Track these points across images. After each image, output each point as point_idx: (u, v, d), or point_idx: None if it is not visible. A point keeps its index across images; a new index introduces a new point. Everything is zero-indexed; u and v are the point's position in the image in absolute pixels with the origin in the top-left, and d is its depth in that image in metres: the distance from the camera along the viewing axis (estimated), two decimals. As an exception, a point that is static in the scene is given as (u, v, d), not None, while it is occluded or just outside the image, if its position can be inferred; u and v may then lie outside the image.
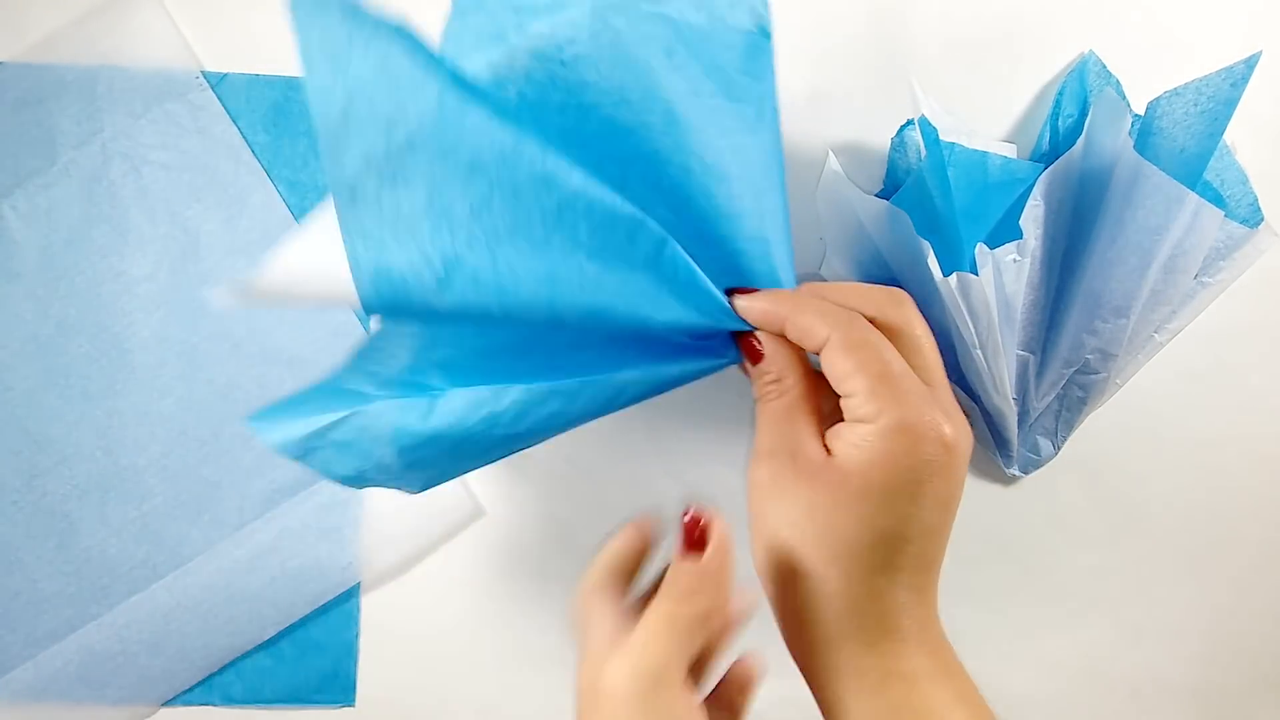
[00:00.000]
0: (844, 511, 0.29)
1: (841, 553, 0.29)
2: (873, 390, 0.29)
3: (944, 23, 0.48)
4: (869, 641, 0.29)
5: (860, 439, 0.29)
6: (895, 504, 0.29)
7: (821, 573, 0.29)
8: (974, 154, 0.43)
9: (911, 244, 0.41)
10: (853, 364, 0.29)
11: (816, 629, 0.30)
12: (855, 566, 0.29)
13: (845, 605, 0.29)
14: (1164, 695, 0.48)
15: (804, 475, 0.30)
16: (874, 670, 0.29)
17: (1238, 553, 0.48)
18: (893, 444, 0.29)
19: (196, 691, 0.47)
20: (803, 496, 0.30)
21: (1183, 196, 0.40)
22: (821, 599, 0.30)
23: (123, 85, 0.47)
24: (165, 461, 0.47)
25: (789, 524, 0.30)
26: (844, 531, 0.29)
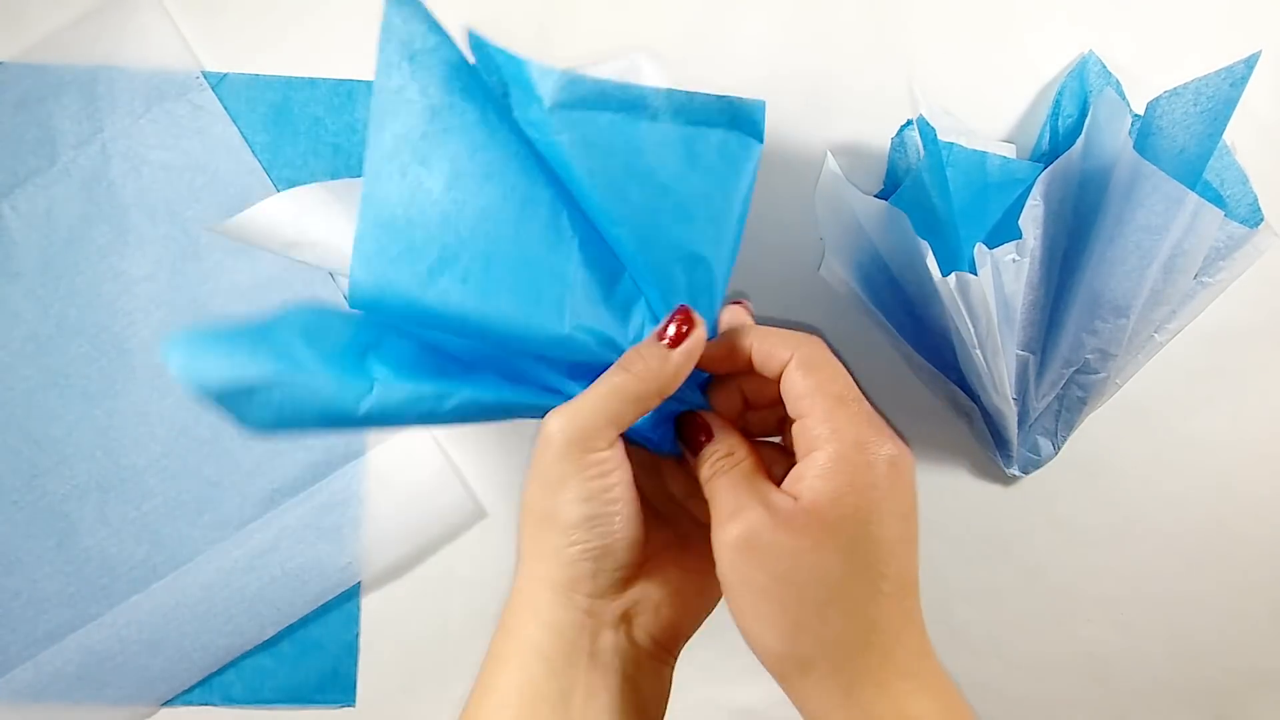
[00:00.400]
0: (827, 550, 0.29)
1: (837, 591, 0.29)
2: (828, 411, 0.30)
3: (944, 23, 0.48)
4: (880, 683, 0.29)
5: (820, 471, 0.30)
6: (867, 527, 0.29)
7: (822, 615, 0.29)
8: (973, 154, 0.43)
9: (910, 244, 0.41)
10: (813, 383, 0.31)
11: (829, 680, 0.29)
12: (852, 601, 0.29)
13: (852, 648, 0.29)
14: (1164, 695, 0.48)
15: (781, 524, 0.30)
16: (891, 717, 0.29)
17: (1238, 553, 0.48)
18: (850, 467, 0.29)
19: (196, 691, 0.47)
20: (785, 545, 0.29)
21: (1182, 196, 0.40)
22: (827, 647, 0.29)
23: (123, 85, 0.47)
24: (165, 461, 0.47)
25: (778, 578, 0.29)
26: (832, 570, 0.29)
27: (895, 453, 0.30)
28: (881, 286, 0.46)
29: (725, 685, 0.48)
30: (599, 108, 0.33)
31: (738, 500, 0.31)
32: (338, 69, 0.48)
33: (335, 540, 0.47)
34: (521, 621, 0.32)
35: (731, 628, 0.48)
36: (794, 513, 0.30)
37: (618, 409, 0.31)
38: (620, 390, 0.31)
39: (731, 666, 0.48)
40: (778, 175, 0.48)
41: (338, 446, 0.47)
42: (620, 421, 0.31)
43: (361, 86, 0.48)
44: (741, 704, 0.48)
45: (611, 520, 0.31)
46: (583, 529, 0.31)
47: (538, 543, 0.32)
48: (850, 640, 0.29)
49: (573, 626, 0.32)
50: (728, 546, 0.30)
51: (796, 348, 0.31)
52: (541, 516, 0.31)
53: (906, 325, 0.46)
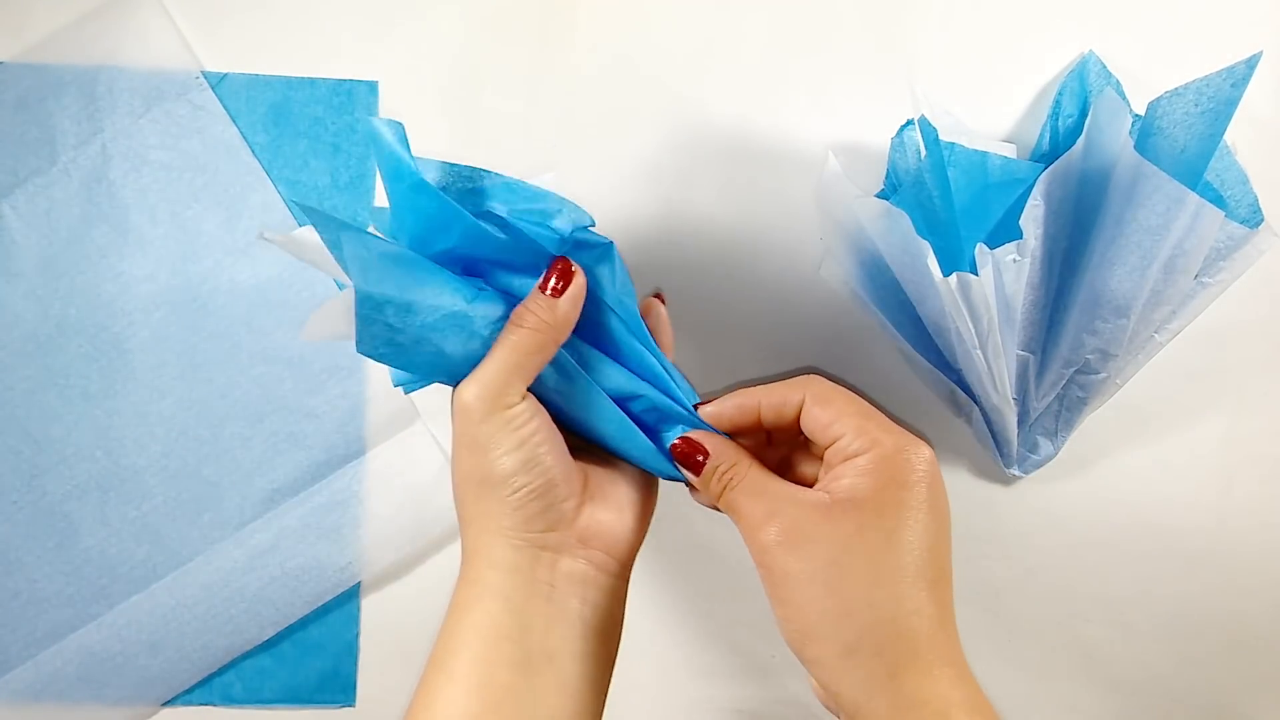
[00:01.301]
0: (872, 534, 0.31)
1: (884, 574, 0.30)
2: (860, 427, 0.32)
3: (944, 23, 0.48)
4: (923, 669, 0.30)
5: (861, 470, 0.31)
6: (911, 517, 0.31)
7: (869, 597, 0.30)
8: (974, 154, 0.43)
9: (911, 244, 0.41)
10: (833, 412, 0.33)
11: (873, 663, 0.30)
12: (899, 584, 0.30)
13: (896, 632, 0.30)
14: (1163, 695, 0.48)
15: (820, 517, 0.31)
16: (935, 700, 0.30)
17: (1238, 553, 0.48)
18: (891, 465, 0.31)
19: (196, 691, 0.47)
20: (830, 533, 0.31)
21: (1183, 197, 0.40)
22: (873, 629, 0.30)
23: (123, 85, 0.47)
24: (165, 461, 0.47)
25: (826, 564, 0.31)
26: (877, 554, 0.30)
27: (930, 455, 0.32)
28: (881, 286, 0.46)
29: (725, 685, 0.48)
30: None
31: (767, 502, 0.32)
32: (338, 69, 0.48)
33: (335, 540, 0.47)
34: (479, 572, 0.33)
35: (731, 628, 0.48)
36: (832, 504, 0.31)
37: (520, 362, 0.33)
38: (519, 346, 0.33)
39: (731, 666, 0.48)
40: (778, 175, 0.48)
41: (338, 446, 0.47)
42: (526, 374, 0.33)
43: (362, 86, 0.48)
44: (741, 704, 0.48)
45: (543, 459, 0.33)
46: (521, 474, 0.33)
47: (481, 504, 0.33)
48: (895, 624, 0.30)
49: (529, 562, 0.33)
50: (772, 545, 0.31)
51: (805, 388, 0.34)
52: (479, 480, 0.33)
53: (906, 325, 0.46)
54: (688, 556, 0.48)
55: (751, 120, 0.48)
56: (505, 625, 0.33)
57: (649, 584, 0.48)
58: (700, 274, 0.48)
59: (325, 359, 0.47)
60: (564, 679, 0.33)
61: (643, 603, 0.48)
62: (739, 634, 0.48)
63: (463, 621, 0.33)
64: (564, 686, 0.33)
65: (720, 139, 0.48)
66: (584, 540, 0.35)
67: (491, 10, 0.48)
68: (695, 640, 0.48)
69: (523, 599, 0.33)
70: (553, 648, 0.33)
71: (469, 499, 0.34)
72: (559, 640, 0.33)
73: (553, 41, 0.48)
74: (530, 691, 0.32)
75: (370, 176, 0.48)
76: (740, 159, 0.48)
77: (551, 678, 0.33)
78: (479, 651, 0.32)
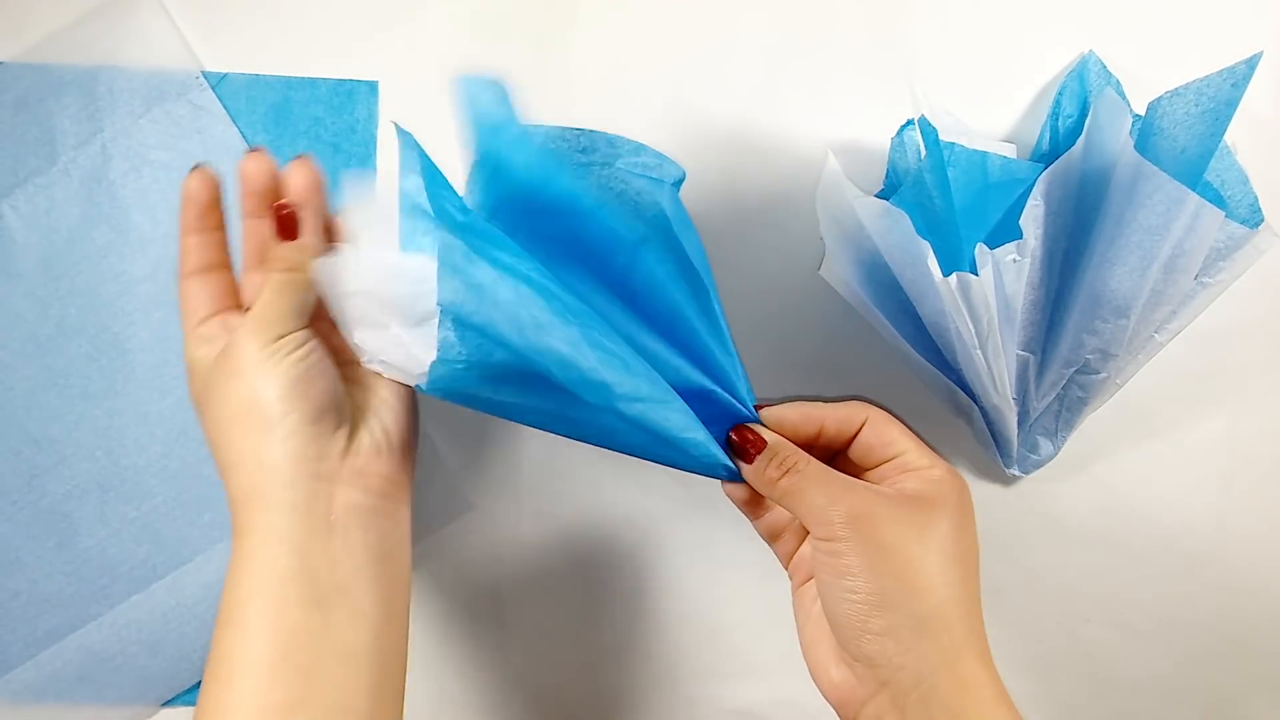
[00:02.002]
0: (939, 526, 0.33)
1: (954, 561, 0.33)
2: (919, 448, 0.35)
3: (944, 23, 0.48)
4: (979, 654, 0.33)
5: (927, 478, 0.35)
6: (966, 525, 0.34)
7: (944, 577, 0.33)
8: (974, 154, 0.43)
9: (911, 244, 0.41)
10: (896, 430, 0.36)
11: (944, 638, 0.32)
12: (965, 572, 0.33)
13: (963, 612, 0.33)
14: (1164, 695, 0.48)
15: (892, 503, 0.33)
16: (992, 684, 0.32)
17: (1238, 553, 0.48)
18: (948, 480, 0.35)
19: (196, 692, 0.47)
20: (901, 518, 0.33)
21: (1183, 197, 0.40)
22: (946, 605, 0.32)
23: (123, 85, 0.47)
24: (165, 461, 0.47)
25: (904, 542, 0.32)
26: (945, 541, 0.33)
27: (969, 490, 0.35)
28: (881, 286, 0.46)
29: (725, 685, 0.48)
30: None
31: (838, 484, 0.34)
32: (338, 69, 0.48)
33: (335, 540, 0.47)
34: (255, 518, 0.33)
35: (731, 628, 0.48)
36: (899, 495, 0.34)
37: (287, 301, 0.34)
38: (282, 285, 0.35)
39: (731, 666, 0.48)
40: (778, 175, 0.48)
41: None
42: (301, 309, 0.35)
43: (362, 86, 0.48)
44: (741, 704, 0.48)
45: (312, 384, 0.34)
46: (290, 399, 0.33)
47: (248, 441, 0.33)
48: (962, 606, 0.33)
49: (306, 498, 0.33)
50: (846, 521, 0.33)
51: (868, 410, 0.36)
52: (247, 409, 0.33)
53: (906, 325, 0.46)
54: (688, 557, 0.48)
55: (751, 120, 0.48)
56: (290, 567, 0.32)
57: (649, 584, 0.48)
58: (700, 274, 0.48)
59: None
60: (360, 608, 0.33)
61: (643, 602, 0.48)
62: (739, 634, 0.48)
63: (247, 572, 0.32)
64: (362, 615, 0.33)
65: (720, 139, 0.48)
66: (358, 470, 0.34)
67: (491, 10, 0.48)
68: (695, 640, 0.48)
69: (304, 537, 0.32)
70: (342, 580, 0.33)
71: (233, 435, 0.33)
72: (348, 572, 0.33)
73: (552, 42, 0.48)
74: (326, 627, 0.32)
75: (370, 176, 0.48)
76: (740, 159, 0.48)
77: (345, 610, 0.32)
78: (268, 598, 0.32)
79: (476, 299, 0.31)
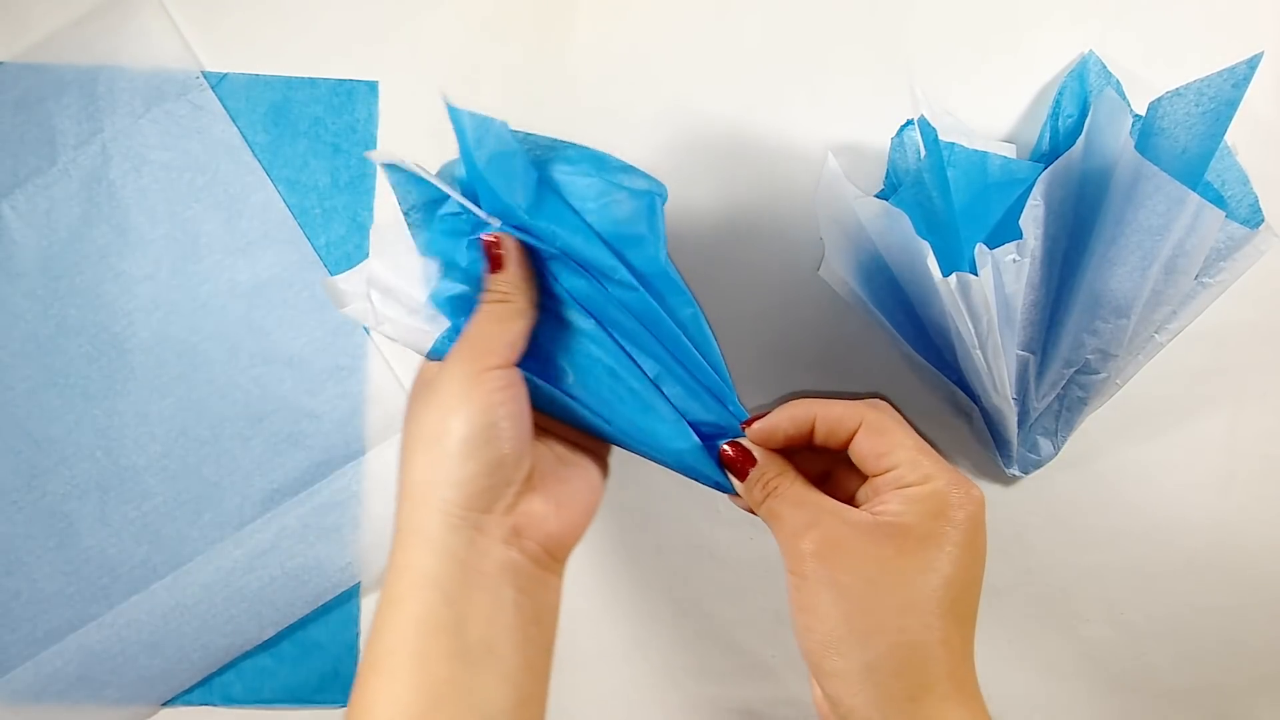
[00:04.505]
0: (914, 561, 0.31)
1: (917, 600, 0.31)
2: (915, 461, 0.33)
3: (944, 23, 0.48)
4: (944, 695, 0.31)
5: (910, 499, 0.32)
6: (956, 554, 0.32)
7: (899, 620, 0.31)
8: (974, 154, 0.43)
9: (911, 244, 0.41)
10: (890, 441, 0.33)
11: (894, 684, 0.30)
12: (930, 613, 0.31)
13: (922, 657, 0.31)
14: (1164, 695, 0.48)
15: (861, 534, 0.32)
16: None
17: (1238, 553, 0.48)
18: (940, 500, 0.32)
19: (196, 691, 0.47)
20: (865, 553, 0.31)
21: (1184, 197, 0.40)
22: (899, 651, 0.31)
23: (123, 85, 0.47)
24: (165, 461, 0.47)
25: (862, 580, 0.31)
26: (914, 578, 0.31)
27: (979, 497, 0.33)
28: (881, 286, 0.46)
29: (725, 685, 0.48)
30: None
31: (809, 513, 0.33)
32: (338, 69, 0.48)
33: (335, 540, 0.47)
34: (412, 557, 0.32)
35: (731, 628, 0.48)
36: (876, 525, 0.32)
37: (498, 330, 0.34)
38: (493, 314, 0.34)
39: (731, 666, 0.48)
40: (778, 175, 0.48)
41: (338, 447, 0.47)
42: (514, 341, 0.34)
43: (362, 86, 0.48)
44: (741, 704, 0.48)
45: (503, 433, 0.33)
46: (477, 442, 0.32)
47: (429, 468, 0.33)
48: (921, 650, 0.31)
49: (465, 547, 0.32)
50: (808, 553, 0.32)
51: (862, 416, 0.34)
52: (434, 439, 0.33)
53: (906, 325, 0.46)
54: (688, 557, 0.48)
55: (751, 120, 0.48)
56: (442, 617, 0.31)
57: (649, 584, 0.48)
58: (700, 274, 0.48)
59: (325, 359, 0.47)
60: (505, 669, 0.32)
61: (643, 603, 0.48)
62: (739, 634, 0.48)
63: (398, 616, 0.32)
64: (506, 677, 0.32)
65: (720, 139, 0.48)
66: (518, 530, 0.34)
67: (491, 10, 0.48)
68: (695, 640, 0.48)
69: (458, 588, 0.32)
70: (492, 638, 0.32)
71: (415, 462, 0.33)
72: (498, 630, 0.32)
73: (552, 42, 0.48)
74: (472, 684, 0.31)
75: (371, 177, 0.48)
76: (740, 159, 0.48)
77: (493, 669, 0.32)
78: (417, 647, 0.31)
79: None
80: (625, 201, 0.36)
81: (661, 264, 0.36)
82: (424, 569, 0.32)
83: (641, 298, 0.36)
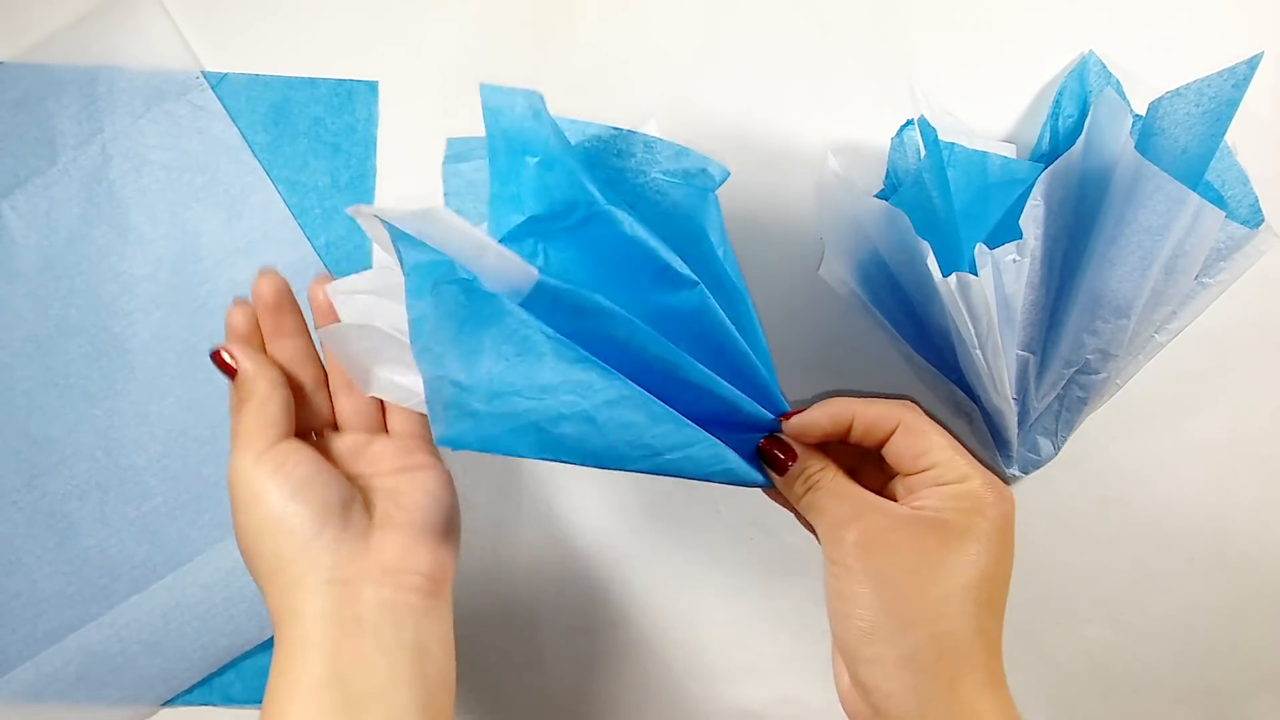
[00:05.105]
0: (954, 553, 0.32)
1: (957, 591, 0.32)
2: (952, 461, 0.33)
3: (944, 23, 0.48)
4: (980, 683, 0.31)
5: (949, 495, 0.33)
6: (991, 548, 0.32)
7: (941, 609, 0.31)
8: (974, 154, 0.43)
9: (911, 244, 0.41)
10: (928, 442, 0.34)
11: (933, 669, 0.31)
12: (970, 604, 0.32)
13: (960, 645, 0.31)
14: (1164, 695, 0.48)
15: (903, 526, 0.32)
16: (988, 714, 0.31)
17: (1238, 553, 0.48)
18: (978, 499, 0.33)
19: (196, 691, 0.47)
20: (907, 544, 0.32)
21: (1184, 197, 0.40)
22: (940, 639, 0.31)
23: (123, 85, 0.47)
24: (165, 461, 0.47)
25: (905, 570, 0.32)
26: (954, 570, 0.32)
27: (1012, 499, 0.33)
28: (881, 286, 0.46)
29: (725, 685, 0.48)
30: None
31: (852, 505, 0.33)
32: (338, 69, 0.48)
33: (335, 540, 0.47)
34: (287, 631, 0.33)
35: (732, 628, 0.48)
36: (916, 518, 0.33)
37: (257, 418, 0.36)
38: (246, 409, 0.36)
39: (732, 666, 0.48)
40: (778, 175, 0.48)
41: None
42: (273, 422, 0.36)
43: (362, 86, 0.48)
44: (741, 704, 0.48)
45: (313, 487, 0.34)
46: (292, 503, 0.34)
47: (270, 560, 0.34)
48: (960, 638, 0.31)
49: (333, 604, 0.33)
50: (851, 544, 0.32)
51: (900, 416, 0.34)
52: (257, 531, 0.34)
53: (906, 325, 0.46)
54: (688, 557, 0.48)
55: (751, 120, 0.48)
56: (321, 674, 0.32)
57: (649, 583, 0.48)
58: (700, 274, 0.48)
59: (325, 359, 0.47)
60: (395, 710, 0.32)
61: (643, 603, 0.48)
62: (739, 634, 0.48)
63: (280, 683, 0.33)
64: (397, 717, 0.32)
65: (720, 139, 0.48)
66: (384, 568, 0.34)
67: (491, 10, 0.48)
68: (695, 640, 0.48)
69: (332, 642, 0.33)
70: (377, 685, 0.32)
71: (259, 559, 0.34)
72: (383, 675, 0.33)
73: (552, 42, 0.48)
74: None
75: (371, 176, 0.48)
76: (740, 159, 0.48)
77: (381, 714, 0.32)
78: (303, 708, 0.32)
79: None
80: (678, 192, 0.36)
81: (715, 253, 0.36)
82: (299, 635, 0.33)
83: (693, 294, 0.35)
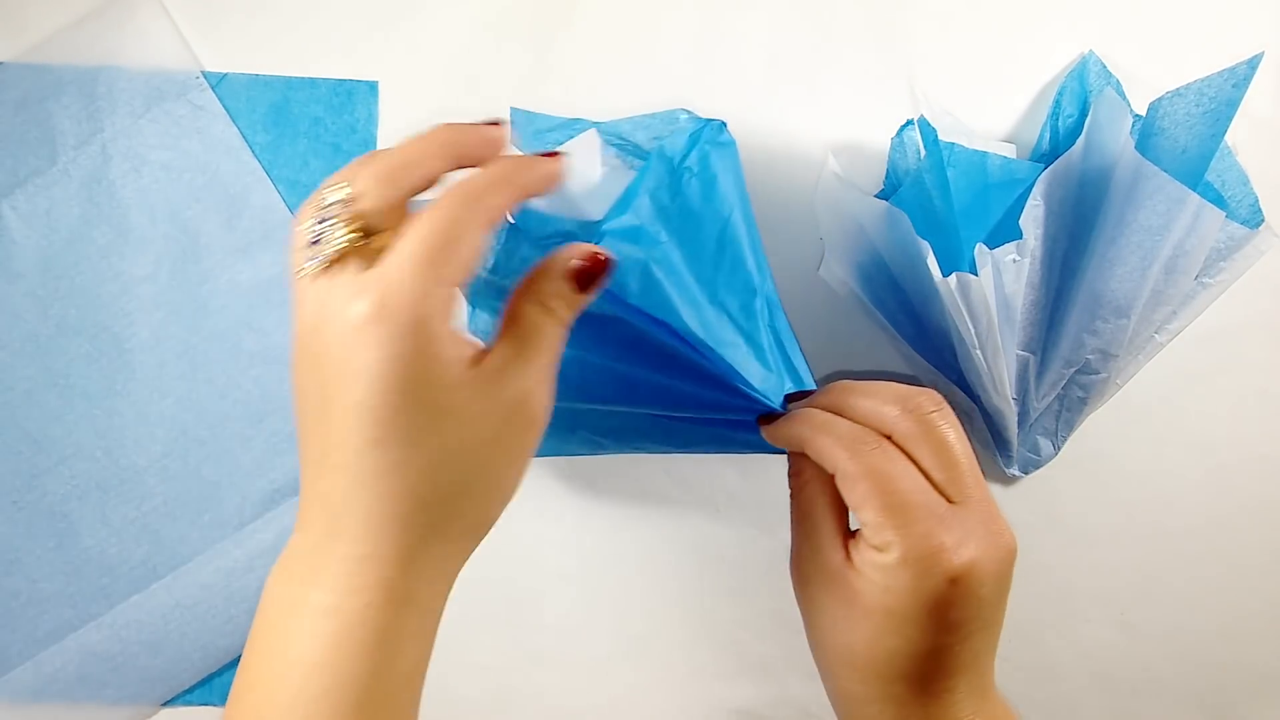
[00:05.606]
0: (859, 626, 0.30)
1: (862, 668, 0.30)
2: (880, 523, 0.29)
3: (944, 23, 0.48)
4: (964, 693, 0.30)
5: (875, 565, 0.29)
6: (907, 630, 0.29)
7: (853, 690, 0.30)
8: (974, 154, 0.43)
9: (911, 245, 0.41)
10: (860, 493, 0.29)
11: (915, 688, 0.30)
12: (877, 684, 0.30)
13: (942, 660, 0.30)
14: (1164, 695, 0.48)
15: (823, 580, 0.30)
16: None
17: (1238, 553, 0.48)
18: (902, 577, 0.29)
19: (196, 691, 0.47)
20: (826, 605, 0.30)
21: (1184, 197, 0.40)
22: (920, 661, 0.29)
23: (123, 85, 0.47)
24: (165, 461, 0.47)
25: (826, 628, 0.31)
26: (861, 648, 0.30)
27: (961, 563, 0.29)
28: (881, 286, 0.46)
29: (726, 685, 0.48)
30: None
31: (796, 537, 0.33)
32: (338, 69, 0.48)
33: (335, 540, 0.47)
34: None
35: (731, 628, 0.48)
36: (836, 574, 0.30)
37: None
38: None
39: (731, 666, 0.48)
40: (778, 175, 0.48)
41: (338, 446, 0.47)
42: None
43: (362, 86, 0.48)
44: (741, 704, 0.48)
45: None
46: None
47: None
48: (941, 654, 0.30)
49: None
50: (793, 583, 0.32)
51: (843, 451, 0.30)
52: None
53: (906, 325, 0.46)
54: (688, 557, 0.48)
55: (751, 120, 0.48)
56: None
57: (648, 583, 0.48)
58: (700, 274, 0.48)
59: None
60: None
61: (643, 603, 0.48)
62: (739, 634, 0.48)
63: None
64: None
65: (720, 139, 0.48)
66: None
67: (491, 10, 0.48)
68: (695, 640, 0.48)
69: None
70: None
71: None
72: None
73: (551, 42, 0.48)
74: None
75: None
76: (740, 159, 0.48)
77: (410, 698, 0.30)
78: None
79: None
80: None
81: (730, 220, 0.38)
82: None
83: None
